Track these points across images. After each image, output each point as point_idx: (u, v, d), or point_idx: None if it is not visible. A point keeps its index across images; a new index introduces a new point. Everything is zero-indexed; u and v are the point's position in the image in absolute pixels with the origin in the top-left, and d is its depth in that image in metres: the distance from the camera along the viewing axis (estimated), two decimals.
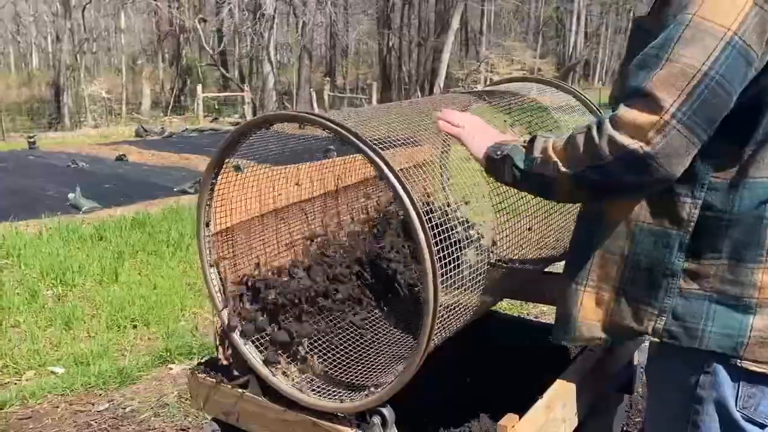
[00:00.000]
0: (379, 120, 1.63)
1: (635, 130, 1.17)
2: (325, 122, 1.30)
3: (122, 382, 3.74)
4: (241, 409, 1.56)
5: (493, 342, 2.32)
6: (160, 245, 6.47)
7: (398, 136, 1.55)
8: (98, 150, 14.76)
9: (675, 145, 1.16)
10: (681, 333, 1.31)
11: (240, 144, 1.43)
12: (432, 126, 1.93)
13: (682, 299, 1.32)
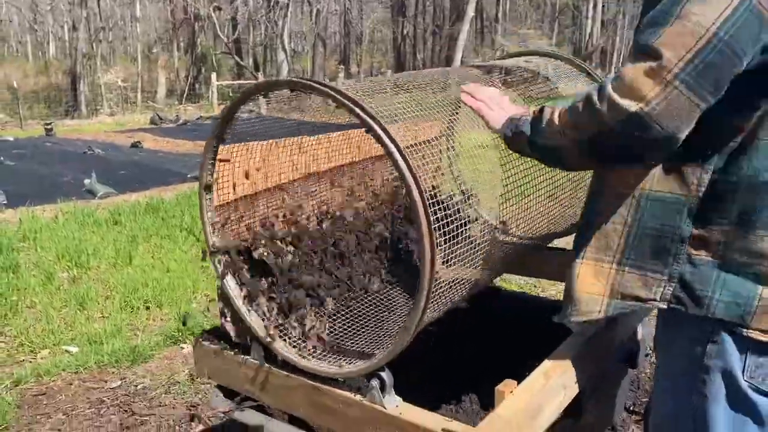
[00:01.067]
0: (385, 93, 1.63)
1: (636, 91, 1.14)
2: (337, 96, 1.30)
3: (134, 360, 3.80)
4: (243, 375, 1.58)
5: (498, 318, 2.33)
6: (174, 230, 6.53)
7: (405, 111, 1.55)
8: (114, 137, 14.88)
9: (676, 106, 1.13)
10: (688, 300, 1.30)
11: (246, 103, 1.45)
12: (439, 101, 1.94)
13: (690, 266, 1.30)
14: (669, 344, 1.41)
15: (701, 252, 1.29)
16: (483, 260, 1.68)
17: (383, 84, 1.70)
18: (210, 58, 29.39)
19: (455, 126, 2.38)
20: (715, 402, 1.32)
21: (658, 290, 1.33)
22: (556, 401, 1.46)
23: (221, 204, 1.65)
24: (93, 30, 26.19)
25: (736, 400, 1.31)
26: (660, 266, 1.32)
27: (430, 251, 1.21)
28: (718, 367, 1.30)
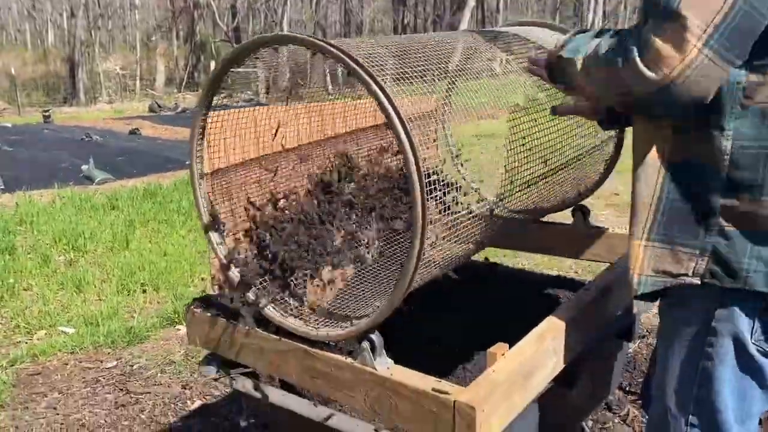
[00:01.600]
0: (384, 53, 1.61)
1: (664, 62, 1.13)
2: (336, 52, 1.28)
3: (130, 341, 3.79)
4: (236, 342, 1.57)
5: (495, 293, 2.32)
6: (171, 214, 6.52)
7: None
8: (112, 124, 14.86)
9: (706, 74, 1.12)
10: (722, 274, 1.26)
11: (239, 64, 1.43)
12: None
13: (723, 238, 1.26)
14: (675, 308, 1.39)
15: (732, 222, 1.25)
16: (475, 228, 1.67)
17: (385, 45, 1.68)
18: (209, 47, 29.27)
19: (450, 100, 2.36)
20: (722, 364, 1.31)
21: (690, 264, 1.29)
22: (548, 365, 1.45)
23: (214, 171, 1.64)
24: (92, 17, 26.07)
25: (743, 363, 1.31)
26: (691, 240, 1.28)
27: (421, 214, 1.19)
28: (727, 330, 1.29)
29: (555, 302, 2.14)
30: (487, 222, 1.73)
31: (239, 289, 1.51)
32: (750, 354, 1.30)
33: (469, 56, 2.18)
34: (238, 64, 1.43)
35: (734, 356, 1.30)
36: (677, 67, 1.11)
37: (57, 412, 3.07)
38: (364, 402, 1.34)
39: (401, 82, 1.53)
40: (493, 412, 1.23)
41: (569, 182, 2.17)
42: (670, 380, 1.40)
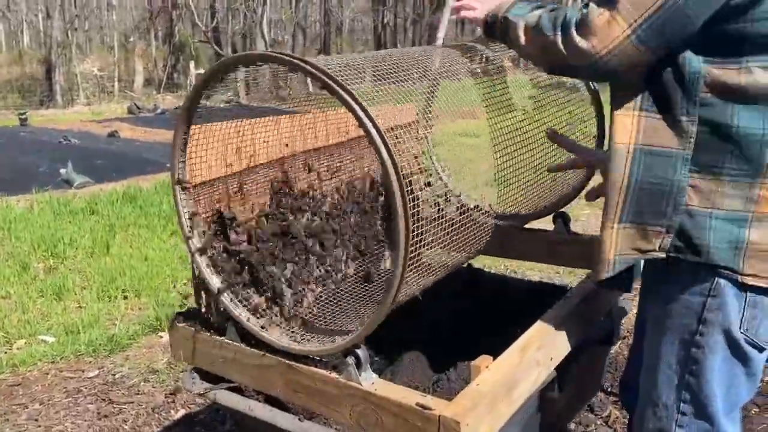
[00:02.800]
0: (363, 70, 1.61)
1: (596, 38, 1.30)
2: (310, 69, 1.28)
3: (112, 349, 3.76)
4: (219, 356, 1.56)
5: (479, 299, 2.33)
6: (152, 218, 6.46)
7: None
8: (90, 127, 14.66)
9: (627, 55, 1.29)
10: (686, 248, 1.35)
11: (223, 77, 1.42)
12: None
13: (687, 216, 1.35)
14: (663, 297, 1.44)
15: (697, 201, 1.34)
16: (458, 240, 1.68)
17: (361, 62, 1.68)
18: (188, 47, 29.01)
19: (432, 107, 2.37)
20: (711, 353, 1.38)
21: (657, 241, 1.38)
22: (532, 376, 1.47)
23: (197, 184, 1.63)
24: (68, 18, 25.71)
25: (732, 353, 1.38)
26: (659, 218, 1.37)
27: (404, 228, 1.20)
28: (717, 320, 1.36)
29: (538, 308, 2.16)
30: (472, 230, 1.75)
31: (222, 304, 1.51)
32: (738, 343, 1.37)
33: (448, 61, 2.19)
34: (213, 84, 1.42)
35: (724, 346, 1.37)
36: (607, 46, 1.29)
37: (38, 424, 3.03)
38: (350, 417, 1.35)
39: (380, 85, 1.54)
40: (477, 426, 1.24)
41: (551, 187, 2.19)
42: (660, 370, 1.45)
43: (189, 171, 1.58)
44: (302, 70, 1.27)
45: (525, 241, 2.26)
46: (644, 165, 1.36)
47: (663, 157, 1.34)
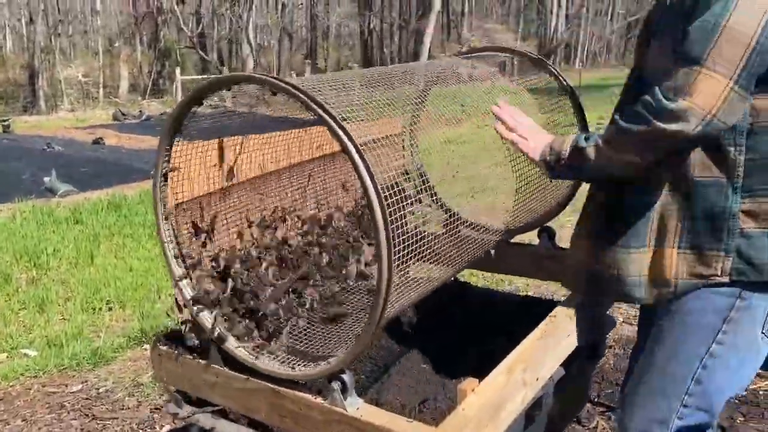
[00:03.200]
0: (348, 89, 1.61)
1: (700, 97, 1.31)
2: (286, 87, 1.28)
3: (96, 363, 3.71)
4: (202, 379, 1.55)
5: (465, 313, 2.33)
6: (137, 228, 6.41)
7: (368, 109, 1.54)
8: (74, 134, 14.56)
9: (734, 104, 1.32)
10: (748, 269, 1.43)
11: (197, 106, 1.41)
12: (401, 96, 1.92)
13: (743, 239, 1.43)
14: (690, 302, 1.50)
15: (750, 224, 1.42)
16: (444, 255, 1.68)
17: (347, 79, 1.68)
18: (174, 53, 28.88)
19: (418, 121, 2.37)
20: (731, 350, 1.47)
21: (717, 266, 1.45)
22: (518, 397, 1.46)
23: (179, 203, 1.61)
24: (51, 23, 25.50)
25: (751, 349, 1.48)
26: (716, 243, 1.44)
27: (386, 248, 1.19)
28: (743, 320, 1.45)
29: (524, 322, 2.16)
30: (458, 245, 1.74)
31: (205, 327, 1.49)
32: (758, 341, 1.47)
33: (435, 69, 2.20)
34: (197, 106, 1.41)
35: (745, 344, 1.47)
36: (715, 104, 1.31)
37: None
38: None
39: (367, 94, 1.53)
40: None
41: (538, 200, 2.19)
42: (673, 364, 1.52)
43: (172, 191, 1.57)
44: (278, 89, 1.26)
45: (511, 255, 2.26)
46: (699, 196, 1.45)
47: (715, 187, 1.43)
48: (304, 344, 1.52)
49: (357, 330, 1.50)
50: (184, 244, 1.52)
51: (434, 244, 1.60)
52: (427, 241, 1.58)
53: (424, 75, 2.25)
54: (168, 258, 1.51)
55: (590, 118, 2.36)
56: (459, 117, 2.13)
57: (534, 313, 2.20)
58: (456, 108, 2.11)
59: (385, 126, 2.15)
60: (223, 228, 1.72)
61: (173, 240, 1.50)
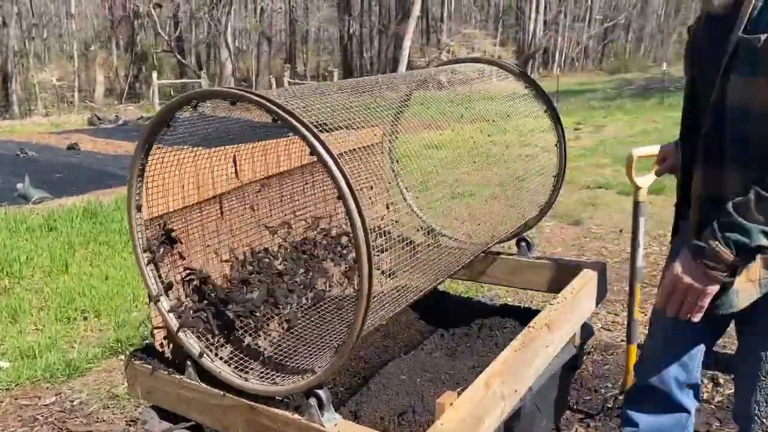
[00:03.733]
0: (322, 101, 1.60)
1: None
2: (258, 99, 1.26)
3: (71, 374, 3.64)
4: (178, 395, 1.52)
5: (445, 323, 2.33)
6: (113, 235, 6.32)
7: (344, 118, 1.53)
8: (49, 139, 14.34)
9: None
10: None
11: (169, 122, 1.39)
12: (379, 107, 1.92)
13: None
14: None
15: None
16: (424, 266, 1.67)
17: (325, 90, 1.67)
18: (151, 57, 28.62)
19: (398, 128, 2.37)
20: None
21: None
22: (497, 410, 1.46)
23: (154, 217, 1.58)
24: (25, 27, 25.13)
25: None
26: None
27: (367, 263, 1.18)
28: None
29: (503, 332, 2.16)
30: (437, 255, 1.74)
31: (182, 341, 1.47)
32: None
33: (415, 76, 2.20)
34: (168, 123, 1.39)
35: None
36: None
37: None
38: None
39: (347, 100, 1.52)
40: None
41: (517, 206, 2.21)
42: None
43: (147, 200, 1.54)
44: (252, 102, 1.25)
45: (490, 264, 2.27)
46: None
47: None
48: (282, 359, 1.51)
49: (335, 343, 1.49)
50: (162, 264, 1.49)
51: (414, 254, 1.60)
52: (408, 251, 1.57)
53: (404, 83, 2.25)
54: (148, 285, 1.48)
55: (567, 123, 2.39)
56: (439, 123, 2.14)
57: (513, 321, 2.22)
58: (436, 113, 2.11)
59: (364, 135, 2.15)
60: (200, 244, 1.69)
61: (152, 266, 1.48)
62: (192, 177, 1.68)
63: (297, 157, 2.19)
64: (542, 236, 5.82)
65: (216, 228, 1.75)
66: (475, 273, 2.30)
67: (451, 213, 2.23)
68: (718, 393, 3.08)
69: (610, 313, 4.10)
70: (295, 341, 1.60)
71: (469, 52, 29.39)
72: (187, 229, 1.68)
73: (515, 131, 2.20)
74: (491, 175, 2.16)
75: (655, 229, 5.84)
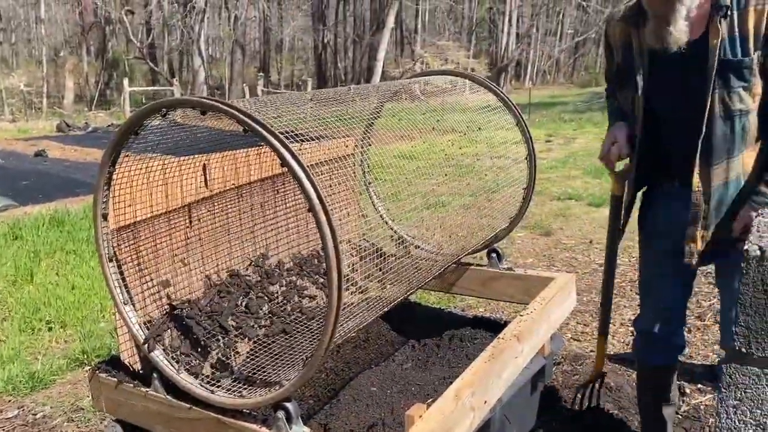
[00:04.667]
0: (294, 111, 1.59)
1: None
2: (227, 109, 1.26)
3: (34, 387, 3.55)
4: (144, 408, 1.49)
5: (415, 333, 2.33)
6: (80, 244, 6.20)
7: (316, 129, 1.53)
8: (15, 145, 14.06)
9: None
10: None
11: (137, 132, 1.37)
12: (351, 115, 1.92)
13: None
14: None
15: None
16: (395, 277, 1.67)
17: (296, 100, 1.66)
18: (122, 64, 28.27)
19: (370, 138, 2.37)
20: None
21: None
22: (466, 422, 1.46)
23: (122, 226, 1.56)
24: None
25: None
26: None
27: (337, 274, 1.18)
28: None
29: (474, 343, 2.17)
30: (408, 266, 1.74)
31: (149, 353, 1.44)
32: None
33: (388, 87, 2.21)
34: (137, 132, 1.37)
35: None
36: None
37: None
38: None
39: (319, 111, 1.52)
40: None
41: (488, 217, 2.22)
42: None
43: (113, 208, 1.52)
44: (223, 112, 1.24)
45: (461, 275, 2.27)
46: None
47: None
48: (251, 371, 1.49)
49: (303, 355, 1.48)
50: (129, 279, 1.47)
51: (386, 265, 1.60)
52: (379, 263, 1.57)
53: (377, 94, 2.25)
54: (114, 295, 1.46)
55: (539, 135, 2.42)
56: (411, 133, 2.15)
57: (484, 332, 2.23)
58: (408, 124, 2.12)
59: (336, 146, 2.14)
60: (167, 257, 1.67)
61: (118, 275, 1.45)
62: (161, 186, 1.66)
63: (268, 167, 2.18)
64: (513, 246, 5.86)
65: (185, 237, 1.73)
66: (446, 284, 2.31)
67: (423, 224, 2.24)
68: (685, 402, 3.13)
69: (579, 323, 4.14)
70: (263, 353, 1.58)
71: (443, 63, 29.59)
72: (155, 239, 1.65)
73: (486, 143, 2.23)
74: (463, 186, 2.17)
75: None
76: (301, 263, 2.03)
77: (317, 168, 1.78)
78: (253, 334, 1.65)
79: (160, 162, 1.68)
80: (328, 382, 2.02)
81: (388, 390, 1.92)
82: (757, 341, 1.01)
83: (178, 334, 1.52)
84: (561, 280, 2.16)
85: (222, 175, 1.87)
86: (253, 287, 1.75)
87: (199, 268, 1.72)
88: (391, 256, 1.74)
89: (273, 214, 2.04)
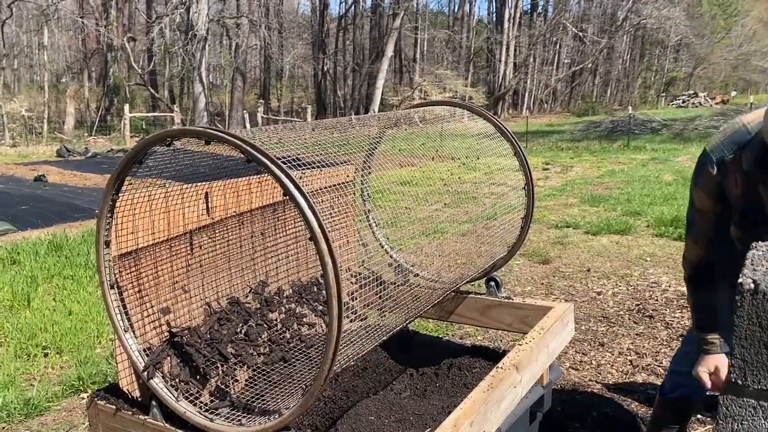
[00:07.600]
0: (295, 140, 1.62)
1: None
2: (231, 139, 1.28)
3: (28, 414, 3.52)
4: None
5: (413, 362, 2.32)
6: (78, 269, 6.19)
7: (317, 156, 1.55)
8: (15, 170, 14.10)
9: None
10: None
11: (142, 160, 1.39)
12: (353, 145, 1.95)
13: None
14: None
15: None
16: (394, 305, 1.68)
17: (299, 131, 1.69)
18: (123, 89, 28.50)
19: (370, 165, 2.39)
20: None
21: None
22: None
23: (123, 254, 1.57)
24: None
25: None
26: None
27: (337, 303, 1.19)
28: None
29: (472, 372, 2.17)
30: (407, 294, 1.75)
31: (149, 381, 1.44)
32: None
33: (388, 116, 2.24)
34: (141, 160, 1.39)
35: None
36: None
37: None
38: None
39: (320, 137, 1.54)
40: None
41: (487, 245, 2.23)
42: None
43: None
44: (228, 143, 1.26)
45: (459, 303, 2.28)
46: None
47: None
48: (250, 399, 1.49)
49: (302, 383, 1.48)
50: (129, 306, 1.48)
51: (385, 293, 1.61)
52: (379, 291, 1.58)
53: (377, 123, 2.29)
54: (114, 322, 1.46)
55: (536, 162, 2.45)
56: (411, 160, 2.18)
57: (483, 361, 2.23)
58: (408, 151, 2.15)
59: (337, 173, 2.17)
60: (168, 284, 1.68)
61: (119, 302, 1.46)
62: (163, 213, 1.67)
63: (269, 194, 2.20)
64: (512, 274, 5.87)
65: (186, 264, 1.74)
66: (444, 312, 2.32)
67: (422, 251, 2.26)
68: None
69: (578, 352, 4.13)
70: (263, 381, 1.58)
71: (441, 91, 29.90)
72: (156, 266, 1.66)
73: (484, 170, 2.25)
74: (461, 213, 2.19)
75: (620, 269, 5.94)
76: (300, 290, 2.04)
77: (318, 196, 1.79)
78: (252, 362, 1.65)
79: (163, 190, 1.70)
80: (326, 411, 2.02)
81: (386, 419, 1.92)
82: (753, 374, 1.02)
83: (178, 362, 1.52)
84: (559, 309, 2.17)
85: (223, 202, 1.88)
86: (252, 315, 1.76)
87: (199, 295, 1.73)
88: (391, 284, 1.75)
89: (273, 241, 2.06)
